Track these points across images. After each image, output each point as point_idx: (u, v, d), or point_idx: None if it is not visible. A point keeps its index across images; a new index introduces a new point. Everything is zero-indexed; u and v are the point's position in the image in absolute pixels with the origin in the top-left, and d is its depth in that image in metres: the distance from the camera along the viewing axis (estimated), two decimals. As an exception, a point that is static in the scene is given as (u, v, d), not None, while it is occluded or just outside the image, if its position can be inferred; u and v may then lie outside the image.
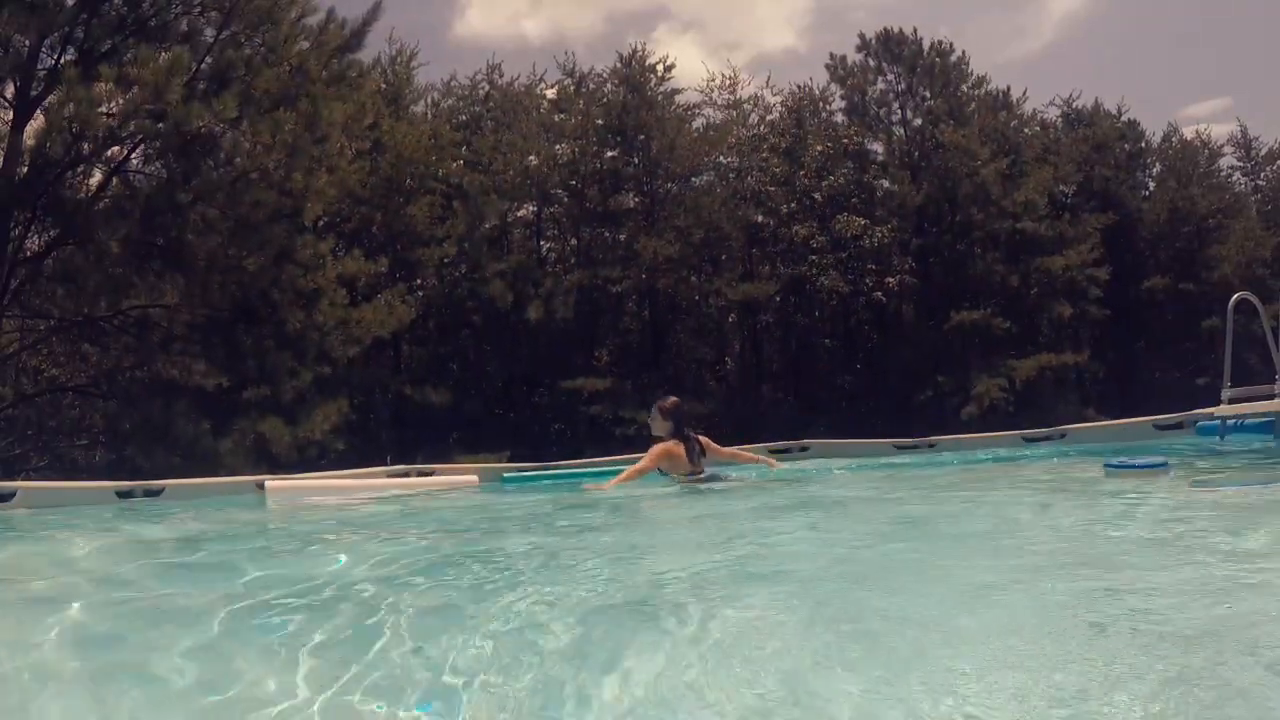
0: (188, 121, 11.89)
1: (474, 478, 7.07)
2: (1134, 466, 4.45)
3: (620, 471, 5.98)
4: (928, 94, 26.27)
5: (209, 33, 13.18)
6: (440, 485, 6.98)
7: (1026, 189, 24.61)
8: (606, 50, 46.61)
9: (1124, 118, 29.33)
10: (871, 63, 26.63)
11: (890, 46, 26.51)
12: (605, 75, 24.43)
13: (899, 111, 26.73)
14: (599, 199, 23.33)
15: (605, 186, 23.38)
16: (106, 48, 12.56)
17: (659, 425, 6.10)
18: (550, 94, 24.63)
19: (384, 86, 21.44)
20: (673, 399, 6.28)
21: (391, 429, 19.65)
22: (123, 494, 6.32)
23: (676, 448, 5.99)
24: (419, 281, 21.36)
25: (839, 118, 26.56)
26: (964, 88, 26.66)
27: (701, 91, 25.98)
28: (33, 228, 13.03)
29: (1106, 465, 4.63)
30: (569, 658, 2.15)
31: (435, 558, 3.77)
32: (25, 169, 12.24)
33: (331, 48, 14.18)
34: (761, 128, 26.14)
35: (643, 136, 23.29)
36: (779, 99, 26.49)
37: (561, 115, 23.90)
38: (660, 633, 2.27)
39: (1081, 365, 25.94)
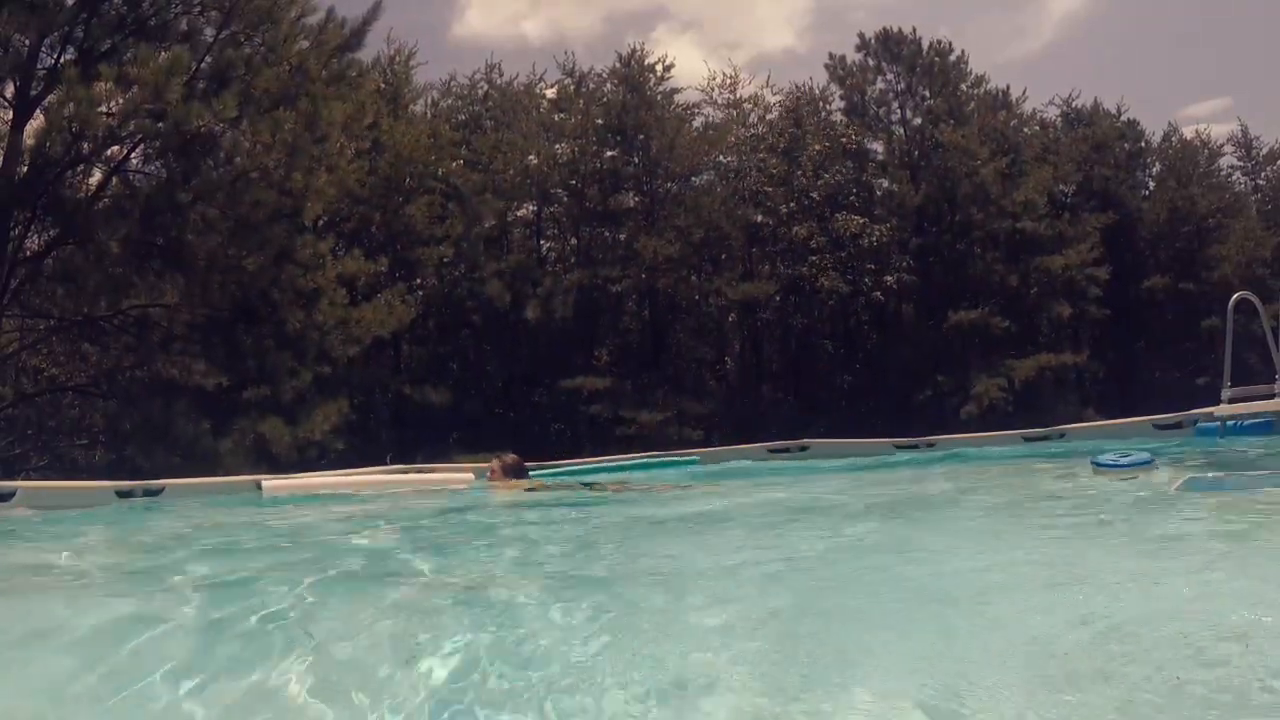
0: (188, 121, 11.88)
1: (469, 474, 7.10)
2: (1120, 465, 4.47)
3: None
4: (927, 93, 26.23)
5: (209, 32, 13.16)
6: (436, 482, 7.00)
7: (1026, 189, 24.59)
8: (606, 50, 46.63)
9: (1124, 117, 29.28)
10: (871, 62, 26.60)
11: (890, 46, 26.47)
12: (605, 75, 24.45)
13: (898, 111, 26.71)
14: (599, 199, 23.33)
15: (605, 186, 23.38)
16: (106, 47, 12.54)
17: (498, 479, 6.40)
18: (550, 94, 24.64)
19: (383, 86, 21.43)
20: (513, 456, 6.62)
21: (391, 429, 19.65)
22: (123, 494, 6.30)
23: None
24: (418, 281, 21.36)
25: (838, 117, 26.53)
26: (963, 87, 26.62)
27: (701, 91, 26.00)
28: (33, 227, 13.02)
29: (1094, 463, 4.65)
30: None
31: (430, 548, 3.78)
32: (25, 169, 12.23)
33: (331, 47, 14.17)
34: (760, 128, 26.12)
35: (642, 136, 23.28)
36: (778, 99, 26.51)
37: (561, 115, 23.89)
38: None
39: (1081, 365, 25.91)
